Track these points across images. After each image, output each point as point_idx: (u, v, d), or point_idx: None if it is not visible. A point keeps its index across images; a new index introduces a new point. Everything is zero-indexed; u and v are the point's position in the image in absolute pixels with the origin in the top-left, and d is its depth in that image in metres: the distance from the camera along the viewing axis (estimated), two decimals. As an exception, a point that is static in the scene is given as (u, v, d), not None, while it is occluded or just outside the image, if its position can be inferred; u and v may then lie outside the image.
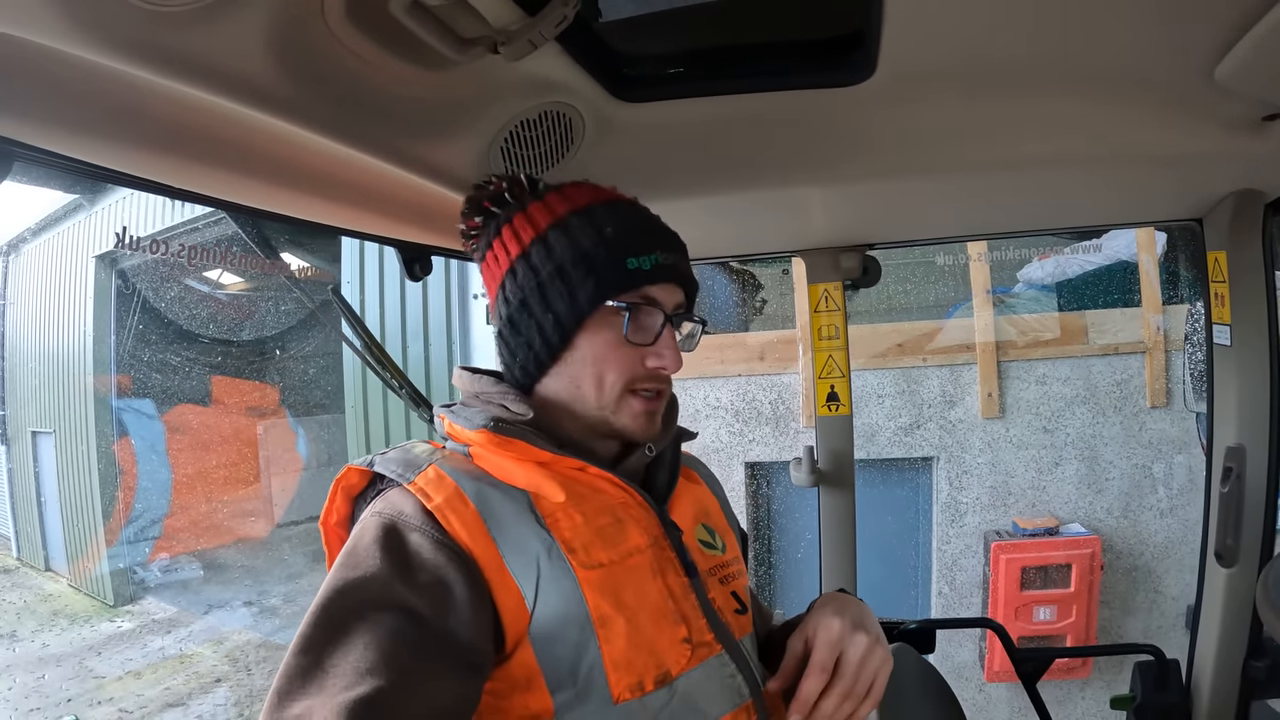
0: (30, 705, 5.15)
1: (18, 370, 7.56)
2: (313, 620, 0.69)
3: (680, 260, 0.89)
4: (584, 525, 0.80)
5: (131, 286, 6.91)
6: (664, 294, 0.86)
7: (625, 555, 0.81)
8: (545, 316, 0.85)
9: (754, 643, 0.93)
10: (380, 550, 0.73)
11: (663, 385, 0.89)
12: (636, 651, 0.77)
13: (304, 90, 0.79)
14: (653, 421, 0.89)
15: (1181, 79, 0.96)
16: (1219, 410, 1.41)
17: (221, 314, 7.04)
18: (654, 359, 0.86)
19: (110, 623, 6.65)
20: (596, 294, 0.83)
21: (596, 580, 0.77)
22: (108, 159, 0.85)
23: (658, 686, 0.78)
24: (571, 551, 0.78)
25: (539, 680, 0.75)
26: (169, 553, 7.08)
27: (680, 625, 0.81)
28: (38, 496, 7.53)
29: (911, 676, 1.33)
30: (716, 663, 0.83)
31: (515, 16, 0.78)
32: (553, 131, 1.07)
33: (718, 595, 0.88)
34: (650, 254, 0.85)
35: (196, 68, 0.69)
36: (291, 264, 5.90)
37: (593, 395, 0.86)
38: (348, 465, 0.84)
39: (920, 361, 4.21)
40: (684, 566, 0.86)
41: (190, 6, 0.62)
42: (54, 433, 7.32)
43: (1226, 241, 1.34)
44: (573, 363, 0.86)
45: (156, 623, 6.67)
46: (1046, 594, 3.77)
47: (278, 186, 1.02)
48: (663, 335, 0.86)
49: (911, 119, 1.12)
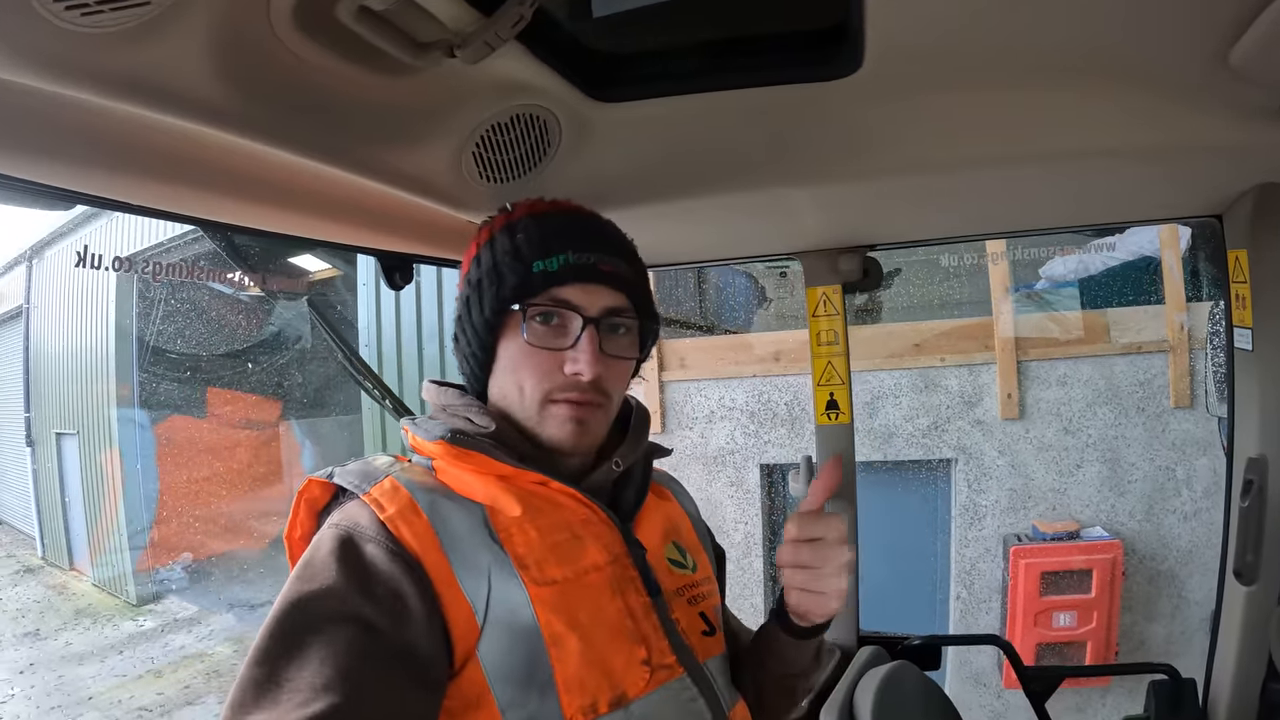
0: (52, 703, 5.23)
1: (42, 374, 7.70)
2: (268, 633, 0.68)
3: (608, 260, 0.85)
4: (539, 540, 0.78)
5: (153, 290, 7.00)
6: (581, 295, 0.83)
7: (581, 573, 0.79)
8: (469, 328, 0.86)
9: (723, 665, 0.89)
10: (336, 562, 0.71)
11: (587, 394, 0.84)
12: (590, 672, 0.75)
13: (258, 104, 0.76)
14: (583, 430, 0.84)
15: (1193, 65, 0.90)
16: (1240, 419, 1.34)
17: (242, 317, 7.11)
18: (570, 364, 0.82)
19: (132, 621, 6.75)
20: (498, 300, 0.83)
21: (549, 597, 0.75)
22: (64, 181, 0.83)
23: (612, 709, 0.75)
24: (524, 567, 0.76)
25: (489, 698, 0.73)
26: (191, 552, 7.17)
27: (639, 646, 0.79)
28: (62, 497, 7.67)
29: (913, 695, 1.27)
30: (677, 686, 0.80)
31: (470, 18, 0.75)
32: (527, 135, 1.03)
33: (683, 616, 0.86)
34: (560, 255, 0.82)
35: (138, 87, 0.67)
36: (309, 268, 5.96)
37: (518, 405, 0.85)
38: (309, 478, 0.82)
39: (938, 362, 4.14)
40: (646, 586, 0.83)
41: (120, 27, 0.59)
42: (78, 434, 7.44)
43: (1247, 239, 1.27)
44: (499, 372, 0.86)
45: (178, 621, 6.76)
46: (1067, 599, 3.68)
47: (245, 201, 1.00)
48: (581, 339, 0.82)
49: (905, 113, 1.07)
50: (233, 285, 7.28)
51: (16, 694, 5.45)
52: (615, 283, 0.85)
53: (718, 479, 4.38)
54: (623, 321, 0.86)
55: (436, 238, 1.28)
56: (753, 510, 4.34)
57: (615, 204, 0.94)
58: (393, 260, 1.29)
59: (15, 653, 6.09)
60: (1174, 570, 3.78)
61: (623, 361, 0.87)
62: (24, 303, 7.67)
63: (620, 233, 0.92)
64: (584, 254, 0.83)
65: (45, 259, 7.44)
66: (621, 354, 0.86)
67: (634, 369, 0.93)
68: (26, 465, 7.98)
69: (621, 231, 0.92)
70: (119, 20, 0.58)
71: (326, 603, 0.69)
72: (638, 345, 0.90)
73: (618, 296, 0.85)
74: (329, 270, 6.30)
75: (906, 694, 1.24)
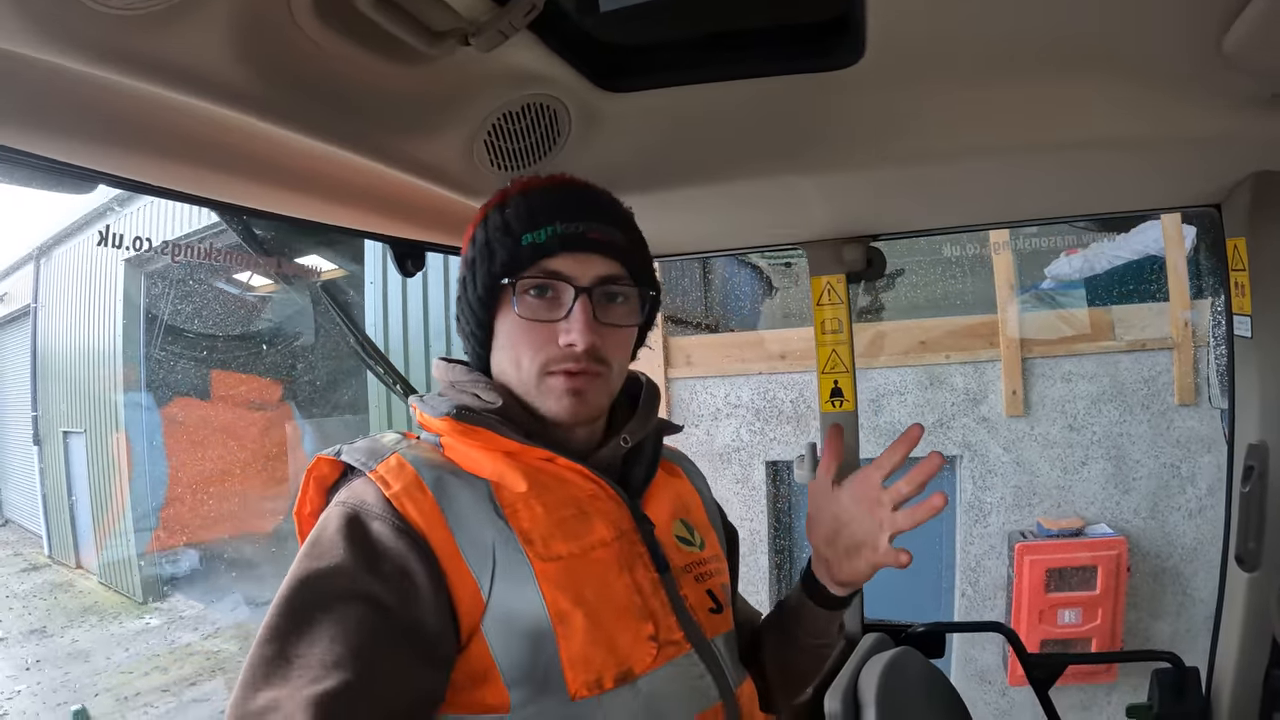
0: (59, 699, 5.26)
1: (49, 372, 7.75)
2: (278, 610, 0.69)
3: (599, 229, 0.84)
4: (544, 516, 0.78)
5: (160, 288, 7.04)
6: (573, 265, 0.82)
7: (588, 549, 0.79)
8: (467, 307, 0.88)
9: (730, 643, 0.90)
10: (343, 540, 0.72)
11: (584, 364, 0.83)
12: (595, 648, 0.75)
13: (277, 88, 0.78)
14: (581, 401, 0.84)
15: (1186, 55, 0.91)
16: (1240, 405, 1.35)
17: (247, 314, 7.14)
18: (564, 335, 0.82)
19: (139, 619, 6.78)
20: (490, 276, 0.83)
21: (554, 573, 0.76)
22: (88, 160, 0.85)
23: (618, 684, 0.76)
24: (529, 543, 0.76)
25: (495, 673, 0.74)
26: (197, 549, 7.20)
27: (646, 622, 0.79)
28: (69, 495, 7.72)
29: (916, 682, 1.28)
30: (685, 662, 0.81)
31: (484, 7, 0.77)
32: (537, 124, 1.05)
33: (691, 593, 0.86)
34: (548, 226, 0.82)
35: (164, 69, 0.69)
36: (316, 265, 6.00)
37: (516, 380, 0.85)
38: (317, 455, 0.83)
39: (943, 359, 4.14)
40: (655, 562, 0.83)
41: (149, 10, 0.61)
42: (84, 432, 7.48)
43: (1246, 227, 1.28)
44: (498, 349, 0.87)
45: (183, 619, 6.80)
46: (1071, 596, 3.68)
47: (262, 184, 1.02)
48: (574, 309, 0.81)
49: (908, 103, 1.08)
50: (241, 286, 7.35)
51: (23, 690, 5.49)
52: (608, 250, 0.84)
53: (723, 476, 4.39)
54: (620, 290, 0.86)
55: (447, 225, 1.30)
56: (758, 507, 4.35)
57: (622, 192, 0.96)
58: (404, 247, 1.31)
59: (22, 649, 6.13)
60: (1179, 567, 3.78)
61: (621, 330, 0.86)
62: (31, 302, 7.71)
63: (614, 200, 0.91)
64: (573, 224, 0.83)
65: (53, 258, 7.48)
66: (618, 322, 0.86)
67: (638, 338, 0.93)
68: (34, 464, 8.03)
69: (616, 200, 0.92)
70: (148, 3, 0.60)
71: (335, 580, 0.70)
72: (637, 313, 0.89)
73: (611, 265, 0.84)
74: (336, 271, 6.36)
75: (910, 679, 1.25)
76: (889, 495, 0.90)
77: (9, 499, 9.11)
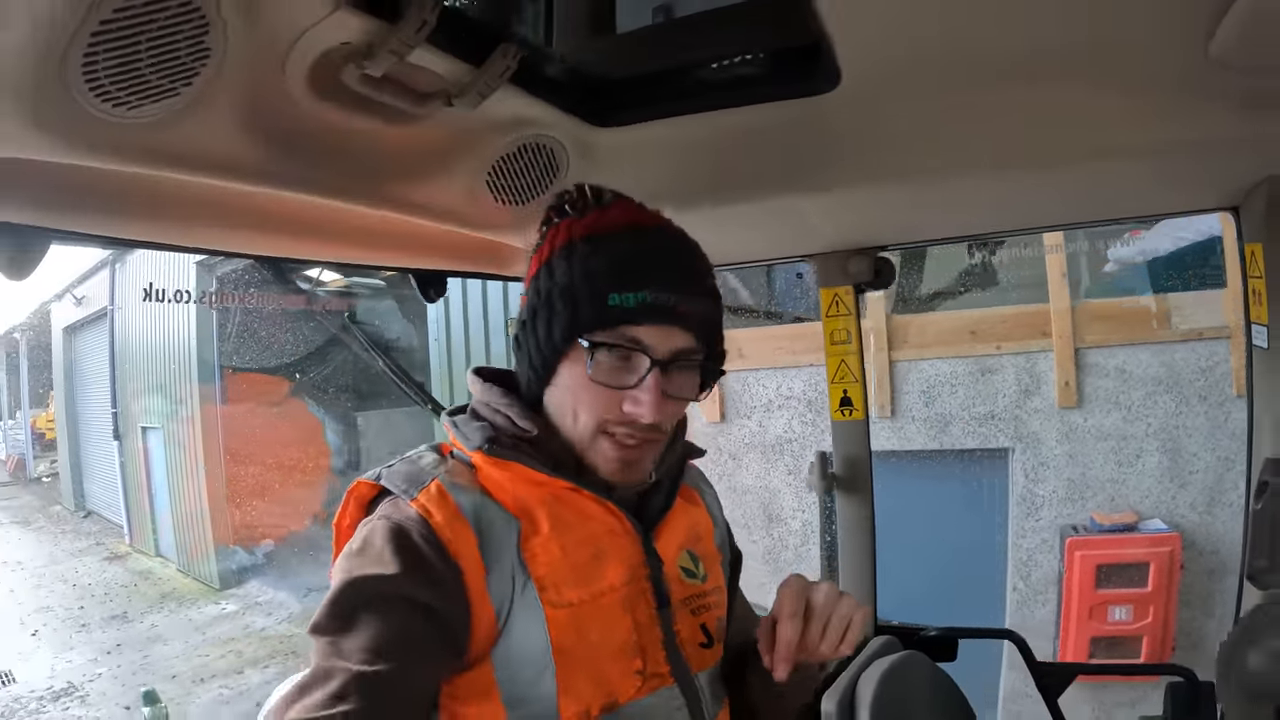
0: (138, 680, 5.60)
1: (128, 371, 8.20)
2: (327, 610, 0.75)
3: (686, 301, 0.82)
4: (561, 560, 0.81)
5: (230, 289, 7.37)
6: (654, 336, 0.80)
7: (598, 594, 0.83)
8: (534, 341, 0.85)
9: (713, 678, 0.92)
10: (390, 547, 0.77)
11: (642, 433, 0.82)
12: (588, 683, 0.80)
13: (289, 160, 0.86)
14: (628, 469, 0.84)
15: (1176, 59, 0.90)
16: (1258, 418, 1.32)
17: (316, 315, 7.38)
18: (630, 404, 0.81)
19: (215, 605, 7.17)
20: (569, 329, 0.81)
21: (563, 619, 0.80)
22: (127, 232, 0.96)
23: (603, 713, 0.81)
24: (543, 589, 0.80)
25: (495, 693, 0.79)
26: (271, 539, 7.56)
27: (636, 658, 0.83)
28: (148, 488, 8.17)
29: (919, 685, 1.30)
30: (666, 694, 0.85)
31: (462, 70, 0.83)
32: (535, 162, 1.11)
33: (684, 626, 0.89)
34: (638, 291, 0.79)
35: (182, 159, 0.77)
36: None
37: (570, 428, 0.84)
38: (358, 479, 0.87)
39: (994, 349, 4.06)
40: (657, 598, 0.87)
41: (155, 117, 0.68)
42: (161, 428, 7.91)
43: (1263, 232, 1.23)
44: (557, 389, 0.85)
45: (258, 605, 7.15)
46: (1123, 593, 3.58)
47: (295, 238, 1.13)
48: (645, 380, 0.80)
49: (899, 121, 1.10)
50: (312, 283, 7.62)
51: (103, 673, 5.88)
52: (690, 324, 0.82)
53: (776, 468, 4.39)
54: (690, 362, 0.84)
55: (464, 255, 1.38)
56: (810, 498, 4.33)
57: None
58: (426, 276, 1.39)
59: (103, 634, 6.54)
60: (1234, 565, 3.62)
61: (683, 401, 0.86)
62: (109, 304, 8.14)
63: (704, 262, 0.88)
64: (664, 293, 0.80)
65: (127, 263, 7.88)
66: (683, 395, 0.85)
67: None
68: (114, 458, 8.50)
69: (705, 258, 0.89)
70: (154, 112, 0.67)
71: (381, 584, 0.76)
72: (698, 385, 0.87)
73: (688, 338, 0.83)
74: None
75: (912, 684, 1.27)
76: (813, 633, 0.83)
77: (91, 492, 9.72)
